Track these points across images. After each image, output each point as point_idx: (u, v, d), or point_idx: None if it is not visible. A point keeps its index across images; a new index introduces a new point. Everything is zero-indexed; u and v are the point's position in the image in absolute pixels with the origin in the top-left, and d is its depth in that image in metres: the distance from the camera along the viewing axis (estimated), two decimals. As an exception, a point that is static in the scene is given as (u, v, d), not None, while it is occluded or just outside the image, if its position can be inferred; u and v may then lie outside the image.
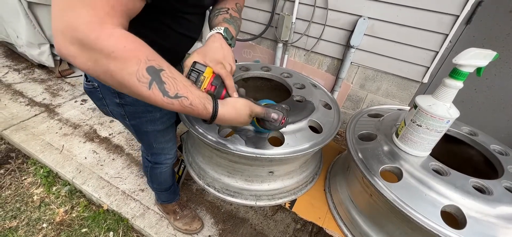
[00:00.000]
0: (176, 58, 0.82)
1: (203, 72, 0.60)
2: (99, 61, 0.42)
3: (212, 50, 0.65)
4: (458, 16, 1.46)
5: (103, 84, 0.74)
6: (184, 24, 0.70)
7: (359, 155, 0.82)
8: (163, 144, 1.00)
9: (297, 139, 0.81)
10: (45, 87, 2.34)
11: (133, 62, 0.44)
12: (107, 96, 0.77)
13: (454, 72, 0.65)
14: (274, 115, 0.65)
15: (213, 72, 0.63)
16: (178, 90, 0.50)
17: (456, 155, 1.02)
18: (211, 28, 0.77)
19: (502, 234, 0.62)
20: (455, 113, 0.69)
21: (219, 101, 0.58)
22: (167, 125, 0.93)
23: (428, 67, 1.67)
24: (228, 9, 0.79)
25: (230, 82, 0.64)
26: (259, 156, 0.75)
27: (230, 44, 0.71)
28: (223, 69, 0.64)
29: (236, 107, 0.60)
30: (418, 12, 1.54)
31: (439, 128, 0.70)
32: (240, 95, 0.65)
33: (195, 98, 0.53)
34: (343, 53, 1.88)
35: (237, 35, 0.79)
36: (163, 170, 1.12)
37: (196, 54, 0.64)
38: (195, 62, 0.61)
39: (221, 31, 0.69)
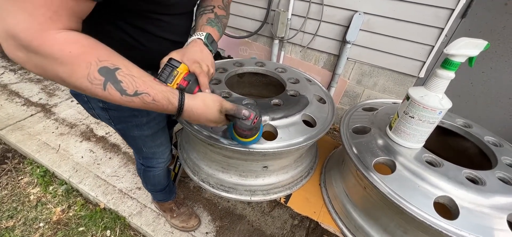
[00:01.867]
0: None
1: (177, 67, 0.60)
2: (47, 68, 0.40)
3: (191, 52, 0.65)
4: (453, 10, 1.46)
5: None
6: (164, 27, 0.67)
7: (353, 148, 0.82)
8: (154, 148, 0.97)
9: (290, 133, 0.80)
10: (41, 87, 2.33)
11: (82, 66, 0.42)
12: (92, 100, 0.75)
13: (446, 63, 0.64)
14: (245, 112, 0.61)
15: (188, 70, 0.63)
16: (137, 87, 0.48)
17: (451, 148, 1.02)
18: (196, 27, 0.77)
19: (495, 224, 0.62)
20: (447, 104, 0.68)
21: (188, 95, 0.57)
22: (156, 130, 0.90)
23: (424, 62, 1.67)
24: (214, 7, 0.78)
25: (203, 80, 0.63)
26: (252, 150, 0.75)
27: (210, 50, 0.70)
28: (198, 68, 0.63)
29: (205, 101, 0.59)
30: (414, 6, 1.54)
31: (431, 119, 0.70)
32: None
33: (157, 93, 0.51)
34: (339, 49, 1.87)
35: (222, 34, 0.79)
36: (156, 172, 1.10)
37: (174, 53, 0.65)
38: (171, 58, 0.62)
39: (202, 38, 0.69)
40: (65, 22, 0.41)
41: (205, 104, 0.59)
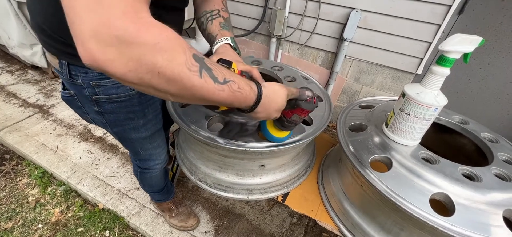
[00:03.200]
0: None
1: (231, 64, 0.60)
2: (143, 58, 0.35)
3: (229, 55, 0.68)
4: (450, 6, 1.45)
5: (80, 92, 0.70)
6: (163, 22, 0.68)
7: (349, 145, 0.82)
8: (151, 150, 0.97)
9: (287, 132, 0.80)
10: (39, 88, 2.32)
11: (180, 52, 0.38)
12: (86, 104, 0.74)
13: (441, 59, 0.64)
14: (308, 93, 0.60)
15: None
16: (225, 75, 0.46)
17: (449, 145, 1.02)
18: (207, 33, 0.79)
19: (491, 220, 0.62)
20: (442, 100, 0.68)
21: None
22: (153, 131, 0.90)
23: (422, 59, 1.67)
24: (219, 11, 0.79)
25: (257, 73, 0.63)
26: (248, 149, 0.75)
27: (238, 53, 0.74)
28: (245, 65, 0.64)
29: (273, 88, 0.57)
30: (411, 3, 1.53)
31: (427, 116, 0.70)
32: None
33: (240, 81, 0.49)
34: (336, 47, 1.87)
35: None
36: (153, 174, 1.10)
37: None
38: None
39: (229, 42, 0.74)
40: (146, 5, 0.37)
41: (274, 91, 0.57)
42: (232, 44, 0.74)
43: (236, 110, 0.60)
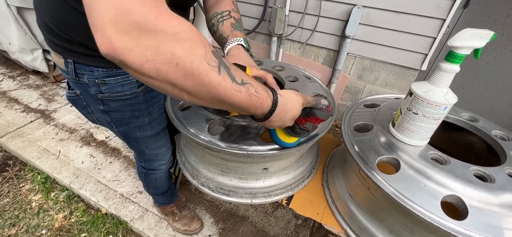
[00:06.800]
0: None
1: (245, 70, 0.57)
2: (161, 47, 0.33)
3: (242, 57, 0.67)
4: (455, 0, 1.42)
5: (86, 91, 0.70)
6: None
7: (355, 147, 0.80)
8: (156, 150, 0.97)
9: (290, 134, 0.78)
10: (41, 93, 2.32)
11: (200, 44, 0.37)
12: (91, 103, 0.74)
13: (450, 56, 0.61)
14: (324, 101, 0.57)
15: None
16: (242, 77, 0.44)
17: (458, 143, 0.99)
18: (219, 34, 0.78)
19: (506, 223, 0.59)
20: (452, 99, 0.65)
21: None
22: (158, 130, 0.90)
23: (427, 54, 1.63)
24: (230, 11, 0.78)
25: (272, 79, 0.62)
26: (251, 152, 0.73)
27: (251, 55, 0.73)
28: (259, 70, 0.63)
29: (289, 95, 0.54)
30: (414, -3, 1.50)
31: (436, 115, 0.67)
32: None
33: (258, 85, 0.47)
34: (338, 44, 1.84)
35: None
36: (158, 175, 1.10)
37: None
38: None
39: (242, 43, 0.72)
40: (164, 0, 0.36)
41: (290, 100, 0.54)
42: (245, 45, 0.73)
43: (249, 118, 0.56)
